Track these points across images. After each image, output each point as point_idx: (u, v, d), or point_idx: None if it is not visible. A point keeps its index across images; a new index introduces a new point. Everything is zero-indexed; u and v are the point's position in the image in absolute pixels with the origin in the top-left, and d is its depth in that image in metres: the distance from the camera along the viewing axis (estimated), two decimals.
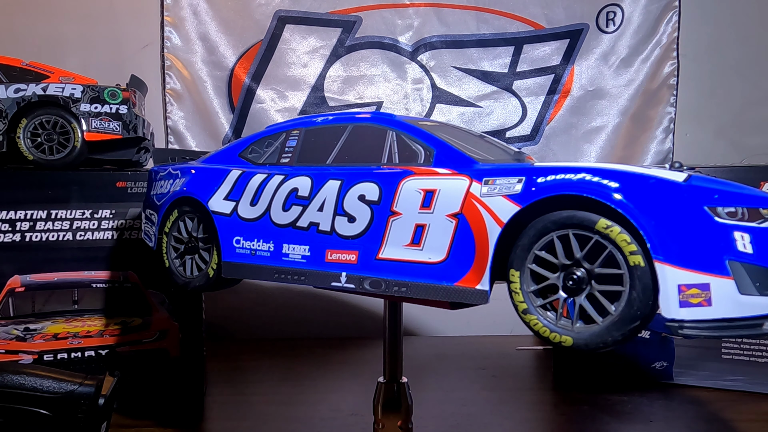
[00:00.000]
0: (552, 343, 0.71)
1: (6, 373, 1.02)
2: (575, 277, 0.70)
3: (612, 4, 2.04)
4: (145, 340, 1.37)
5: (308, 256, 0.90)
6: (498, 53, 2.07)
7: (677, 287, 0.63)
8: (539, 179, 0.72)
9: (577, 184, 0.69)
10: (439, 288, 0.79)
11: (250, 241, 0.96)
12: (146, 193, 1.20)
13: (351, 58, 2.06)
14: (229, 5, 2.03)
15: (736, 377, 1.49)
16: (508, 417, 1.36)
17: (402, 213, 0.82)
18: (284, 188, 0.94)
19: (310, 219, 0.91)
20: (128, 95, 1.41)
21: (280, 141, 1.03)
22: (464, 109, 2.08)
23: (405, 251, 0.81)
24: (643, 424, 1.33)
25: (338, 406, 1.41)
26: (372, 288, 0.84)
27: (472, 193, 0.77)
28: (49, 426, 0.96)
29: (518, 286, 0.74)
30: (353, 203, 0.87)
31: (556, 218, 0.70)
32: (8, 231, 1.35)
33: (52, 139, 1.36)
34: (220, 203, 1.01)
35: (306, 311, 2.05)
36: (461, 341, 2.00)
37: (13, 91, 1.35)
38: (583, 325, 0.70)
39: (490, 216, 0.74)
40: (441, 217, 0.79)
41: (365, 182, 0.87)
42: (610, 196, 0.67)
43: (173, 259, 1.09)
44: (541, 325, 0.72)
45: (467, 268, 0.76)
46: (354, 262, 0.86)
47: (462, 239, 0.76)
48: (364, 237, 0.85)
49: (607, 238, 0.67)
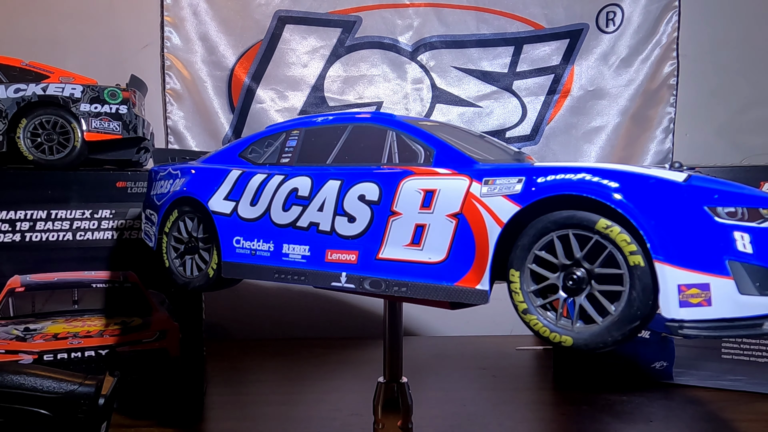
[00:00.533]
0: (552, 343, 0.71)
1: (6, 373, 1.02)
2: (575, 277, 0.70)
3: (612, 4, 2.05)
4: (145, 340, 1.37)
5: (308, 256, 0.90)
6: (498, 53, 2.07)
7: (677, 287, 0.63)
8: (539, 179, 0.72)
9: (577, 184, 0.69)
10: (439, 288, 0.79)
11: (250, 241, 0.96)
12: (146, 193, 1.21)
13: (351, 58, 2.06)
14: (229, 5, 2.03)
15: (736, 377, 1.49)
16: (508, 417, 1.36)
17: (402, 213, 0.82)
18: (284, 188, 0.94)
19: (310, 219, 0.91)
20: (128, 95, 1.41)
21: (280, 141, 1.03)
22: (464, 109, 2.08)
23: (405, 251, 0.81)
24: (643, 424, 1.33)
25: (338, 406, 1.41)
26: (372, 288, 0.84)
27: (472, 193, 0.77)
28: (49, 426, 0.96)
29: (518, 286, 0.74)
30: (353, 203, 0.87)
31: (556, 218, 0.70)
32: (8, 231, 1.35)
33: (52, 139, 1.36)
34: (220, 203, 1.01)
35: (306, 311, 2.05)
36: (461, 341, 2.00)
37: (13, 91, 1.35)
38: (583, 325, 0.70)
39: (490, 216, 0.74)
40: (441, 217, 0.78)
41: (365, 182, 0.87)
42: (610, 196, 0.67)
43: (173, 259, 1.09)
44: (541, 325, 0.72)
45: (467, 268, 0.76)
46: (354, 262, 0.86)
47: (462, 239, 0.76)
48: (364, 237, 0.85)
49: (607, 238, 0.67)
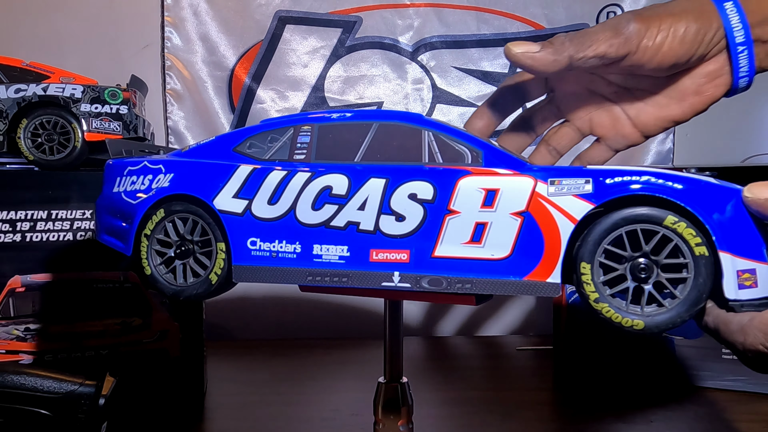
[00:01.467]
0: (624, 328, 0.78)
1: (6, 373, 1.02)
2: (642, 266, 0.78)
3: (612, 4, 2.05)
4: (145, 340, 1.37)
5: (347, 256, 0.88)
6: (498, 53, 2.07)
7: (736, 273, 0.75)
8: (607, 180, 0.79)
9: (646, 185, 0.77)
10: (507, 283, 0.82)
11: (270, 243, 0.92)
12: (106, 191, 1.08)
13: (351, 59, 2.06)
14: (229, 5, 2.03)
15: (736, 377, 1.49)
16: (508, 417, 1.36)
17: (460, 211, 0.84)
18: (313, 186, 0.91)
19: (348, 218, 0.88)
20: (128, 95, 1.41)
21: (287, 137, 0.99)
22: (464, 110, 2.08)
23: (464, 249, 0.84)
24: (644, 424, 1.33)
25: (338, 406, 1.41)
26: (431, 286, 0.85)
27: (538, 193, 0.81)
28: (49, 426, 0.96)
29: (589, 278, 0.79)
30: (402, 202, 0.86)
31: (627, 215, 0.78)
32: (8, 231, 1.35)
33: (52, 139, 1.36)
34: (228, 202, 0.95)
35: (306, 311, 2.06)
36: (461, 341, 2.00)
37: (13, 92, 1.35)
38: (655, 308, 0.78)
39: (561, 214, 0.80)
40: (505, 215, 0.82)
41: (416, 181, 0.87)
42: (681, 196, 0.77)
43: (157, 266, 0.98)
44: (612, 312, 0.78)
45: (536, 262, 0.81)
46: (406, 261, 0.86)
47: (528, 235, 0.81)
48: (416, 235, 0.86)
49: (675, 232, 0.77)
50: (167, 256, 0.98)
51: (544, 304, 2.07)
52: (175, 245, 0.98)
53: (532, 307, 2.14)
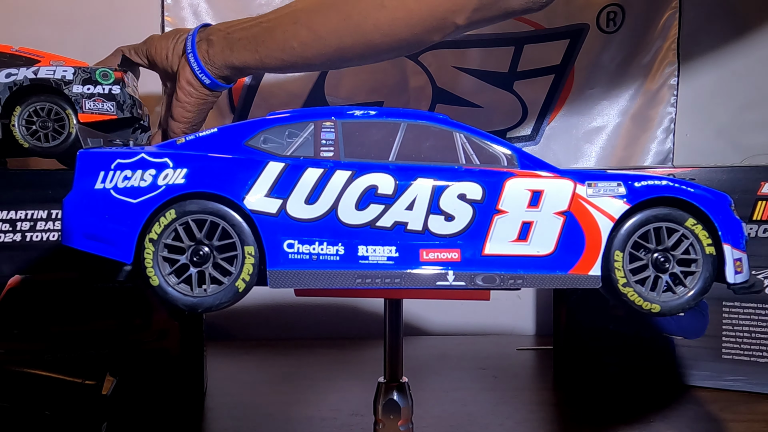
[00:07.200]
0: (643, 310, 0.91)
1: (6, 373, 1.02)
2: (661, 259, 0.91)
3: (612, 4, 2.04)
4: (145, 340, 1.37)
5: (396, 257, 0.88)
6: (498, 53, 2.06)
7: (733, 261, 0.91)
8: (636, 183, 0.91)
9: (668, 188, 0.91)
10: (554, 277, 0.90)
11: (310, 245, 0.88)
12: (82, 186, 0.91)
13: None
14: (229, 5, 2.02)
15: (736, 377, 1.49)
16: (508, 417, 1.36)
17: (508, 211, 0.90)
18: (356, 185, 0.89)
19: (395, 218, 0.88)
20: (120, 75, 1.40)
21: (308, 132, 0.93)
22: (465, 110, 2.08)
23: (512, 246, 0.90)
24: (644, 424, 1.33)
25: (338, 406, 1.41)
26: (484, 283, 0.89)
27: (578, 194, 0.91)
28: (49, 426, 0.96)
29: (621, 264, 0.90)
30: (452, 202, 0.89)
31: (657, 213, 0.91)
32: (8, 231, 1.35)
33: (46, 126, 1.36)
34: (261, 201, 0.88)
35: (306, 311, 2.06)
36: (461, 341, 2.00)
37: (4, 76, 1.34)
38: (669, 295, 0.92)
39: (601, 213, 0.90)
40: (549, 214, 0.90)
41: (465, 181, 0.90)
42: (698, 199, 0.91)
43: (167, 275, 0.88)
44: (636, 296, 0.90)
45: (577, 257, 0.90)
46: (457, 260, 0.89)
47: (570, 233, 0.90)
48: (465, 234, 0.89)
49: (692, 233, 0.91)
50: (179, 263, 0.89)
51: (545, 304, 2.07)
52: (188, 250, 0.88)
53: (533, 307, 2.14)
